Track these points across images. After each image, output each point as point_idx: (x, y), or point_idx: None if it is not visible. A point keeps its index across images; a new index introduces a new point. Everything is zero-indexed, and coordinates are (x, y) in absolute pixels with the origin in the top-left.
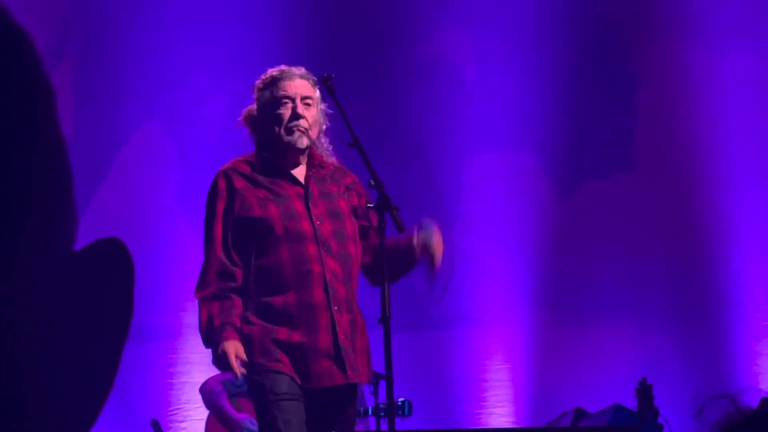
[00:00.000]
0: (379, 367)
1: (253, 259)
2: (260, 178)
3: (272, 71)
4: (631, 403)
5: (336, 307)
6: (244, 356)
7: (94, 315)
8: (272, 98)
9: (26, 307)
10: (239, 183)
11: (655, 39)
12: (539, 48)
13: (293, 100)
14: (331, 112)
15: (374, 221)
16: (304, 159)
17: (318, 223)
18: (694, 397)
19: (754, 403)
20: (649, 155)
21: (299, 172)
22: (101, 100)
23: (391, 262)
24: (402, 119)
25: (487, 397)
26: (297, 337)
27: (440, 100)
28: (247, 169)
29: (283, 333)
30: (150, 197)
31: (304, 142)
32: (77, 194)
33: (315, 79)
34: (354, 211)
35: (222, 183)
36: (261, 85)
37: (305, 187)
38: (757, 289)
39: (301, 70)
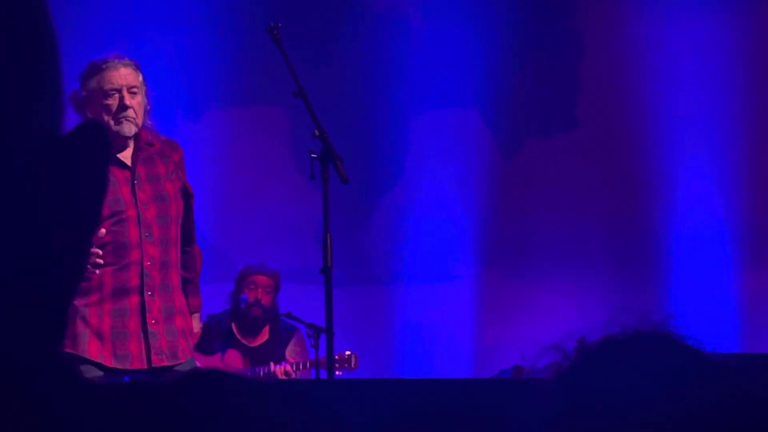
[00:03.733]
0: (320, 319)
1: None
2: None
3: (98, 60)
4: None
5: (149, 293)
6: None
7: (67, 197)
8: (99, 89)
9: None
10: None
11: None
12: (486, 5)
13: (119, 90)
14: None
15: (318, 171)
16: (131, 142)
17: (143, 207)
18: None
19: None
20: (592, 115)
21: (126, 155)
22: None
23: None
24: (348, 71)
25: (427, 353)
26: (107, 318)
27: (388, 53)
28: None
29: (93, 314)
30: None
31: (132, 130)
32: None
33: (137, 63)
34: (182, 190)
35: None
36: (86, 75)
37: (132, 170)
38: (695, 249)
39: (125, 59)
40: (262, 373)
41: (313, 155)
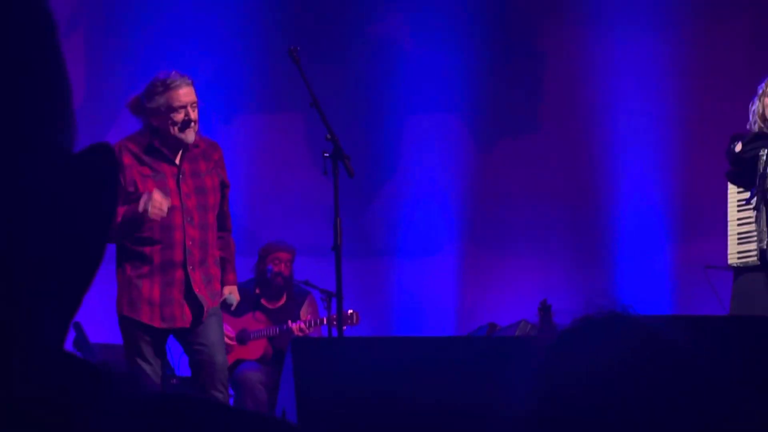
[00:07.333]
0: (331, 285)
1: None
2: (145, 157)
3: (165, 79)
4: (534, 319)
5: (191, 267)
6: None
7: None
8: (167, 105)
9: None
10: (127, 159)
11: (560, 21)
12: (466, 31)
13: (185, 107)
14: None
15: (329, 167)
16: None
17: (185, 198)
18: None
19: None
20: (552, 120)
21: (177, 154)
22: (107, 66)
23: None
24: (354, 85)
25: (418, 313)
26: (156, 288)
27: (387, 69)
28: (135, 148)
29: (145, 285)
30: None
31: (193, 138)
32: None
33: (193, 80)
34: (220, 184)
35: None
36: (154, 91)
37: (179, 167)
38: (636, 227)
39: (186, 78)
40: (281, 329)
41: (325, 154)
